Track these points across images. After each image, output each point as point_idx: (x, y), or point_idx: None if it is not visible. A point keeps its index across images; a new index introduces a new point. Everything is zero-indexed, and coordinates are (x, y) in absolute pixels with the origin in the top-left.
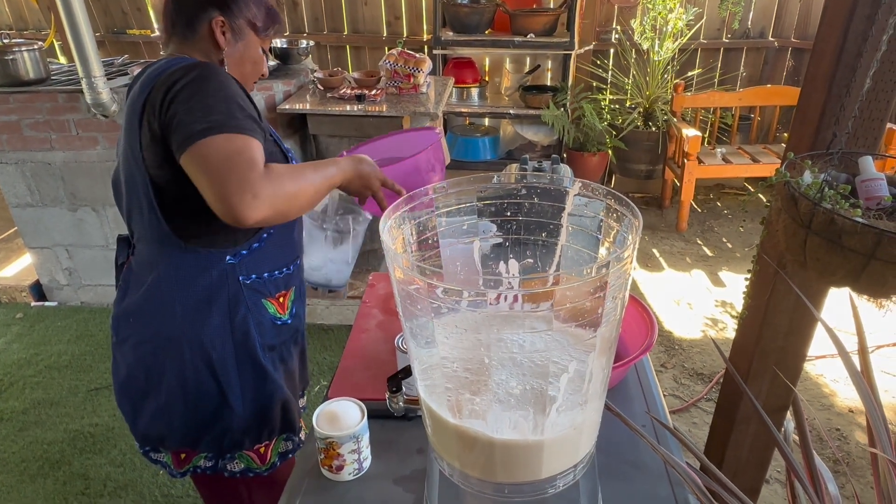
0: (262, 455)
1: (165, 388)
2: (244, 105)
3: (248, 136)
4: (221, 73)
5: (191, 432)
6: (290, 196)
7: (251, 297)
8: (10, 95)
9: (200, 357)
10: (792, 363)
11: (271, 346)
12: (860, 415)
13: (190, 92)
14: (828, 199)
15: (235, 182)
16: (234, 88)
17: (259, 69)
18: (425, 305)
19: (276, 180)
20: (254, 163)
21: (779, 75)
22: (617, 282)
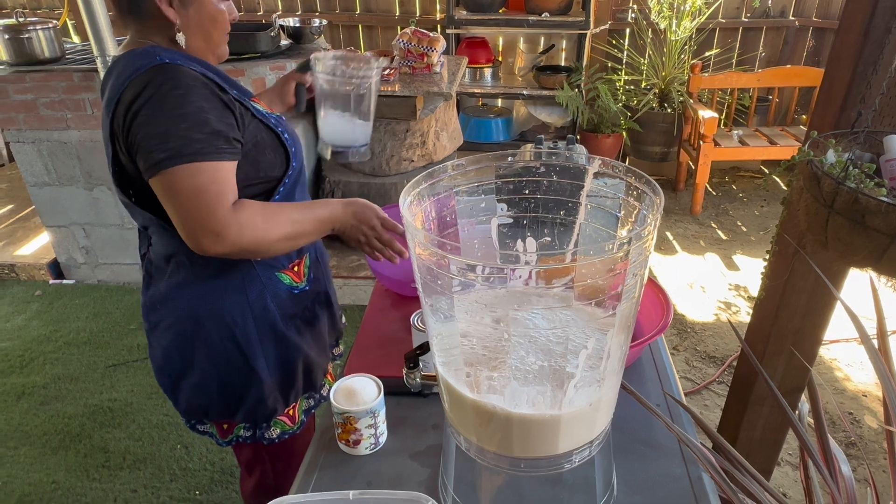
0: (291, 417)
1: (198, 366)
2: (208, 116)
3: (212, 163)
4: (180, 82)
5: (228, 405)
6: (260, 238)
7: (264, 273)
8: (27, 74)
9: (226, 334)
10: (808, 345)
11: (292, 314)
12: (873, 400)
13: (147, 114)
14: (852, 179)
15: (198, 219)
16: (194, 98)
17: (224, 24)
18: (445, 281)
19: (247, 220)
20: (218, 199)
21: (799, 56)
22: (638, 258)
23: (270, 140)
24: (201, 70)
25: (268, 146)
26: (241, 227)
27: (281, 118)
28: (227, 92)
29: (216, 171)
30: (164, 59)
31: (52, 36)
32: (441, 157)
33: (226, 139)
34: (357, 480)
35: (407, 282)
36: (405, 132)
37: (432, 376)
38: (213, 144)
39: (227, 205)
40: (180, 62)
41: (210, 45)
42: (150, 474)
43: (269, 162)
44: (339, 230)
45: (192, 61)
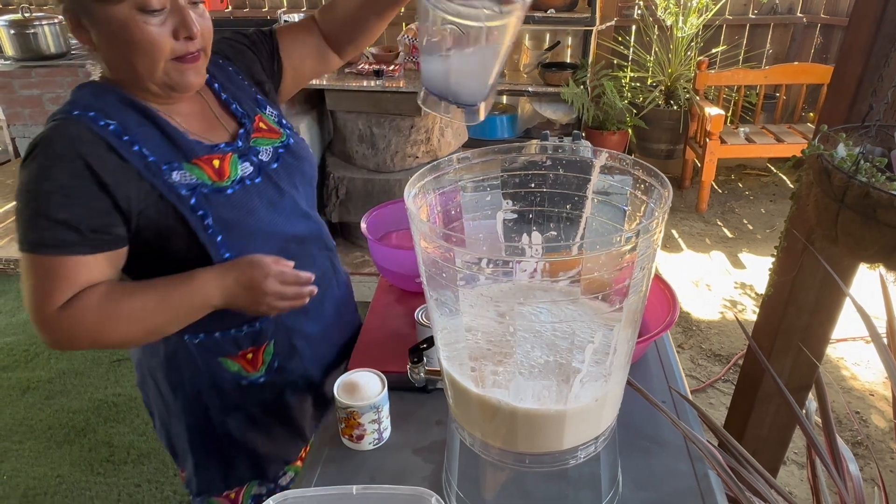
0: (232, 500)
1: (157, 414)
2: (61, 201)
3: (50, 257)
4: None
5: (178, 457)
6: (95, 339)
7: (201, 356)
8: (32, 69)
9: (161, 394)
10: (816, 342)
11: (236, 406)
12: (880, 399)
13: (18, 183)
14: (863, 172)
15: (30, 312)
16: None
17: (152, 51)
18: (450, 274)
19: (75, 322)
20: (47, 296)
21: (806, 53)
22: (646, 251)
23: (178, 228)
24: (110, 125)
25: (175, 234)
26: (69, 327)
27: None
28: (127, 160)
29: (56, 266)
30: (71, 113)
31: (57, 31)
32: (445, 153)
33: (77, 231)
34: (360, 475)
35: (411, 277)
36: (410, 128)
37: (436, 371)
38: (57, 235)
39: (56, 304)
40: (91, 111)
41: (138, 75)
42: (154, 469)
43: (180, 254)
44: (227, 306)
45: (116, 110)
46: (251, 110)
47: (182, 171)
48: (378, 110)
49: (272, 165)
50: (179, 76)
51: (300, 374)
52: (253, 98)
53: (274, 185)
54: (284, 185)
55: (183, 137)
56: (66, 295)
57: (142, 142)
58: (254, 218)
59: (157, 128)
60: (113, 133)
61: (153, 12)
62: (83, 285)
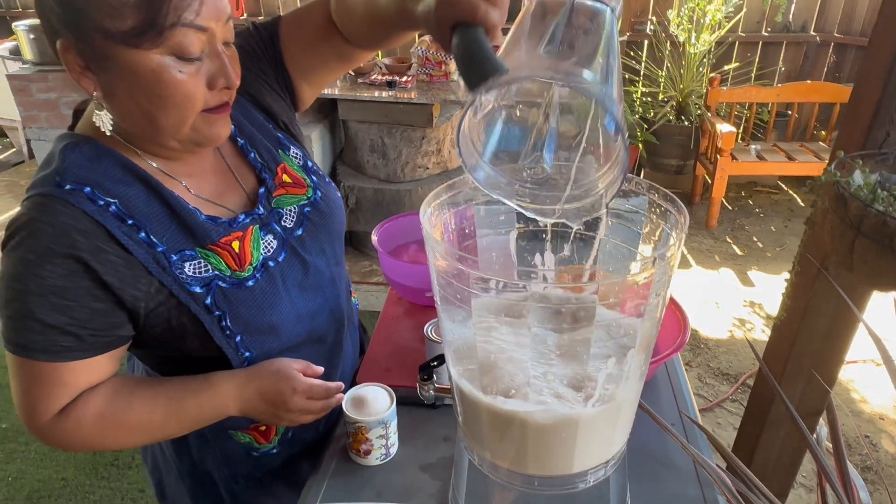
0: None
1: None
2: (51, 304)
3: (41, 363)
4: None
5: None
6: (95, 447)
7: (211, 430)
8: (49, 74)
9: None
10: (828, 367)
11: (245, 474)
12: (891, 424)
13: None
14: (880, 201)
15: (21, 416)
16: (46, 278)
17: (181, 106)
18: (464, 295)
19: (72, 431)
20: (39, 405)
21: (819, 71)
22: (661, 278)
23: (192, 327)
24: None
25: (189, 333)
26: (65, 435)
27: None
28: (131, 251)
29: (48, 373)
30: (61, 186)
31: None
32: (456, 164)
33: (74, 336)
34: (367, 491)
35: (421, 290)
36: (421, 139)
37: (446, 389)
38: (49, 340)
39: (50, 411)
40: (87, 187)
41: (157, 132)
42: None
43: (194, 351)
44: (243, 415)
45: (114, 180)
46: (272, 158)
47: (195, 262)
48: (390, 121)
49: (296, 233)
50: (208, 129)
51: (315, 440)
52: (273, 137)
53: (300, 259)
54: (310, 256)
55: (195, 217)
56: (62, 401)
57: (148, 226)
58: (277, 311)
59: (164, 205)
60: (114, 216)
61: (191, 60)
62: (81, 388)
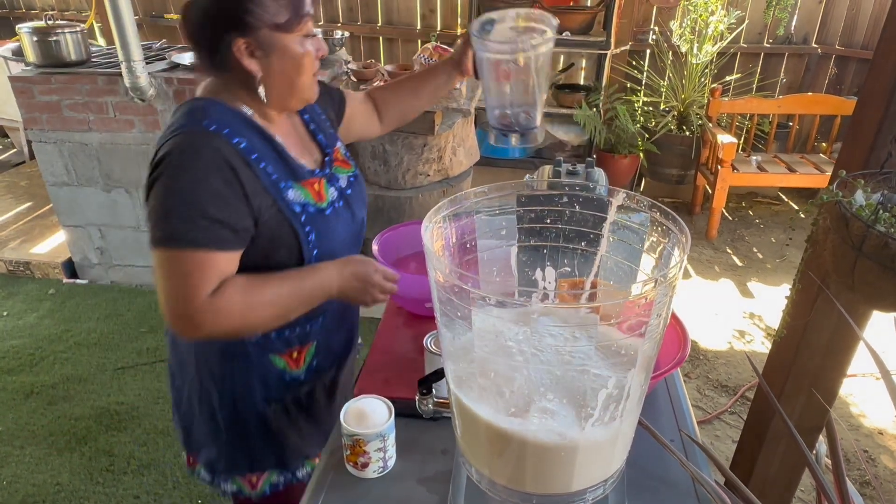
0: (252, 483)
1: (185, 399)
2: (217, 203)
3: (205, 252)
4: (202, 160)
5: (194, 442)
6: (237, 325)
7: (255, 351)
8: (52, 76)
9: (202, 383)
10: (828, 384)
11: (277, 399)
12: (889, 438)
13: (162, 186)
14: (882, 222)
15: (176, 303)
16: (211, 181)
17: (310, 67)
18: (465, 311)
19: (224, 307)
20: (199, 287)
21: (820, 83)
22: (663, 299)
23: (288, 239)
24: (241, 142)
25: (283, 245)
26: (216, 314)
27: (322, 212)
28: (258, 175)
29: (208, 260)
30: (208, 127)
31: (79, 39)
32: (457, 172)
33: (231, 229)
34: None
35: (421, 301)
36: (422, 147)
37: (445, 402)
38: (213, 233)
39: (205, 294)
40: (225, 129)
41: (294, 91)
42: (154, 481)
43: (280, 258)
44: (340, 296)
45: (241, 129)
46: (332, 141)
47: (295, 191)
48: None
49: (348, 191)
50: (314, 90)
51: (331, 377)
52: (330, 133)
53: (350, 209)
54: (356, 210)
55: (293, 159)
56: (212, 285)
57: (266, 160)
58: (338, 237)
59: (273, 149)
60: (245, 150)
61: (310, 37)
62: (224, 275)
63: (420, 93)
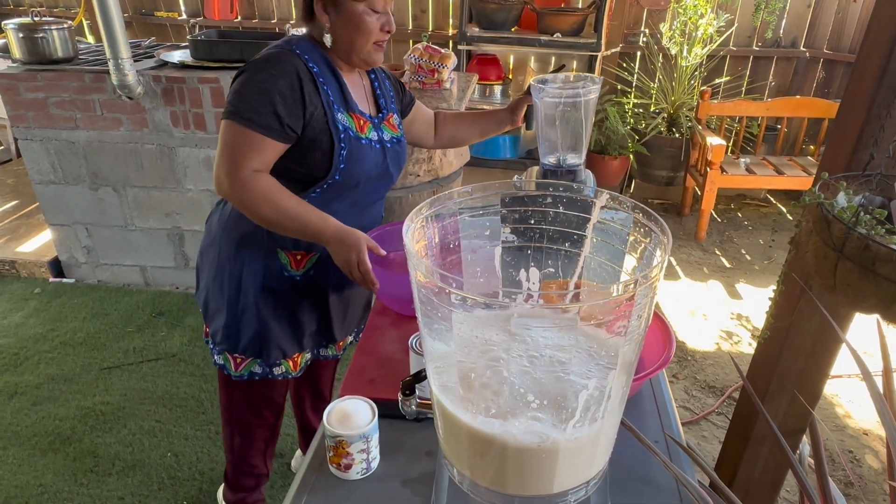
0: (237, 363)
1: (206, 274)
2: (279, 99)
3: (256, 133)
4: (281, 67)
5: (209, 314)
6: (255, 210)
7: (269, 241)
8: (39, 73)
9: (220, 259)
10: (812, 385)
11: (272, 288)
12: (874, 439)
13: (243, 77)
14: (863, 224)
15: (224, 163)
16: (280, 83)
17: (369, 34)
18: (445, 312)
19: (253, 190)
20: (246, 159)
21: (808, 86)
22: (643, 299)
23: (325, 146)
24: (314, 67)
25: (319, 149)
26: (243, 192)
27: (359, 139)
28: (319, 92)
29: (257, 140)
30: (293, 48)
31: (66, 36)
32: (447, 172)
33: (280, 123)
34: None
35: (408, 300)
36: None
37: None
38: (266, 120)
39: (249, 168)
40: (306, 55)
41: (353, 49)
42: (139, 482)
43: (314, 162)
44: (329, 248)
45: (319, 60)
46: (389, 108)
47: (343, 115)
48: None
49: (388, 144)
50: (374, 55)
51: (320, 293)
52: (391, 105)
53: (384, 157)
54: (389, 159)
55: (350, 96)
56: (256, 164)
57: (328, 86)
58: (365, 165)
59: (337, 83)
60: (315, 73)
61: (377, 13)
62: (268, 161)
63: (475, 127)
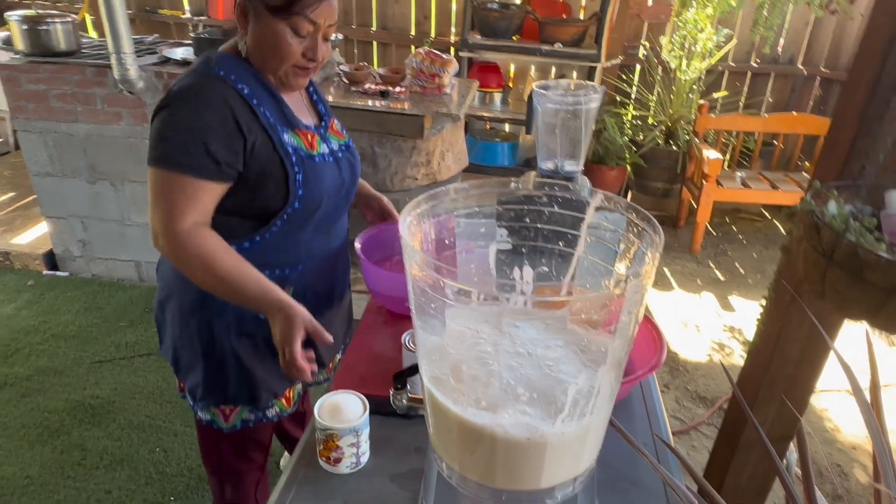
0: (226, 415)
1: (169, 328)
2: (210, 136)
3: (189, 178)
4: (205, 97)
5: (182, 368)
6: (190, 273)
7: None
8: (41, 65)
9: (183, 311)
10: (800, 393)
11: (249, 334)
12: (862, 453)
13: (164, 115)
14: (852, 231)
15: (156, 218)
16: (208, 116)
17: (284, 59)
18: (439, 305)
19: (188, 251)
20: (182, 212)
21: (805, 103)
22: (634, 297)
23: (277, 174)
24: (244, 88)
25: (271, 180)
26: (179, 248)
27: (312, 158)
28: (256, 117)
29: (191, 186)
30: (215, 71)
31: (69, 30)
32: (445, 177)
33: (216, 161)
34: (335, 500)
35: (402, 300)
36: (411, 150)
37: (419, 399)
38: (199, 161)
39: (187, 221)
40: (232, 76)
41: (265, 68)
42: (126, 476)
43: (267, 194)
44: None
45: (247, 79)
46: (330, 113)
47: (289, 135)
48: (381, 130)
49: (339, 154)
50: (292, 79)
51: None
52: (328, 106)
53: (338, 168)
54: (343, 171)
55: (290, 111)
56: (195, 215)
57: (265, 106)
58: (323, 185)
59: (274, 100)
60: (247, 95)
61: (299, 35)
62: (207, 208)
63: None
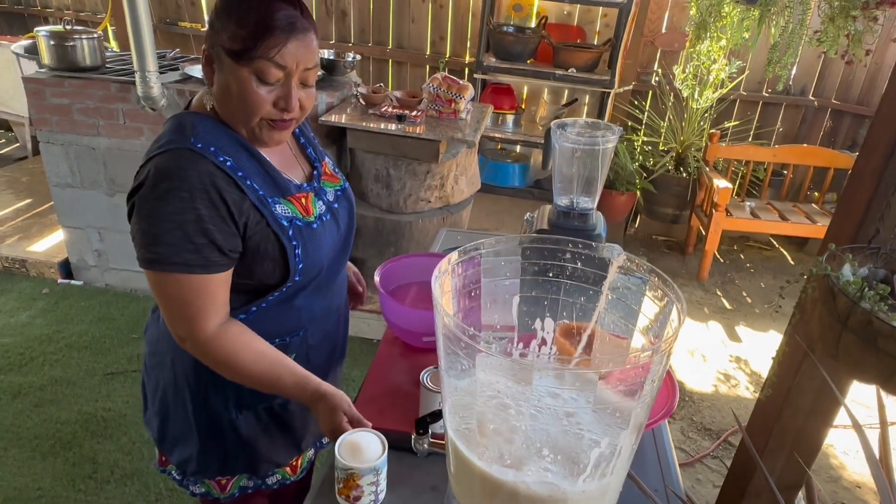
0: (222, 486)
1: (159, 398)
2: (205, 227)
3: (199, 276)
4: (186, 182)
5: (167, 442)
6: (223, 372)
7: None
8: (66, 80)
9: (176, 381)
10: (810, 443)
11: (249, 406)
12: (868, 492)
13: (147, 209)
14: (867, 299)
15: (178, 324)
16: (196, 204)
17: (253, 111)
18: (468, 364)
19: (217, 352)
20: (199, 316)
21: (815, 134)
22: (658, 367)
23: (274, 252)
24: (226, 160)
25: (268, 258)
26: (207, 353)
27: (310, 226)
28: (244, 192)
29: (203, 284)
30: (192, 144)
31: (95, 46)
32: (458, 200)
33: (219, 251)
34: None
35: (420, 334)
36: (426, 174)
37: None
38: (203, 257)
39: (212, 326)
40: (211, 147)
41: (235, 122)
42: (136, 491)
43: (265, 272)
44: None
45: (226, 145)
46: (320, 155)
47: (282, 206)
48: (397, 153)
49: (335, 205)
50: (266, 134)
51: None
52: (318, 147)
53: (336, 222)
54: (341, 224)
55: (279, 175)
56: (216, 316)
57: (251, 177)
58: (323, 250)
59: (259, 165)
60: (231, 169)
61: (267, 83)
62: (224, 300)
63: None
